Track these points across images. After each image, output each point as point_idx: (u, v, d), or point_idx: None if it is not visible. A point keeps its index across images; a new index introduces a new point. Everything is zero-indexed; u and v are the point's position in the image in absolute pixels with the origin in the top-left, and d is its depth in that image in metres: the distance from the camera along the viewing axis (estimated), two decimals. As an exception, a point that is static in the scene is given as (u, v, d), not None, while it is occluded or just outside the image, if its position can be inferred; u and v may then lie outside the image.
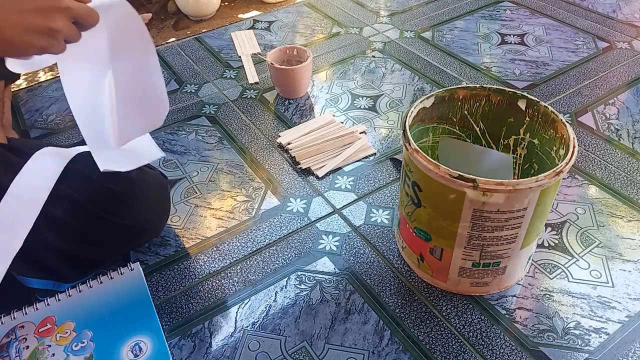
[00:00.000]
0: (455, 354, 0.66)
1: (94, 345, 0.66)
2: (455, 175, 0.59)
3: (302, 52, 1.11)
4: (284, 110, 1.09)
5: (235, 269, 0.78)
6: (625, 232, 0.81)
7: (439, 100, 0.73)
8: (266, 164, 0.96)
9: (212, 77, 1.21)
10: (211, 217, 0.86)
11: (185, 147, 1.01)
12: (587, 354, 0.66)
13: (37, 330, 0.68)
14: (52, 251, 0.68)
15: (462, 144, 0.78)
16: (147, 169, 0.77)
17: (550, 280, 0.74)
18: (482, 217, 0.61)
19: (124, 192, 0.71)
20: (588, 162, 0.93)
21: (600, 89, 1.11)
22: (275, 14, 1.48)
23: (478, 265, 0.68)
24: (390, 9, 1.47)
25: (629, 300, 0.71)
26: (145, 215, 0.75)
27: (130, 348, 0.66)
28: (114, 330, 0.68)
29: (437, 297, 0.73)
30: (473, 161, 0.76)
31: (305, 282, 0.76)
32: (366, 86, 1.15)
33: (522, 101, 0.71)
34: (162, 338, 0.67)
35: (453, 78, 1.17)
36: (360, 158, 0.96)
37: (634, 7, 1.42)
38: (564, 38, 1.29)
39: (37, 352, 0.66)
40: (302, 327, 0.70)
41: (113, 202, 0.71)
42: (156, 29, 1.50)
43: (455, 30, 1.35)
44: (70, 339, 0.67)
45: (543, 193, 0.60)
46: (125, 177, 0.72)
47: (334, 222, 0.85)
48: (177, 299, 0.74)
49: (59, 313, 0.70)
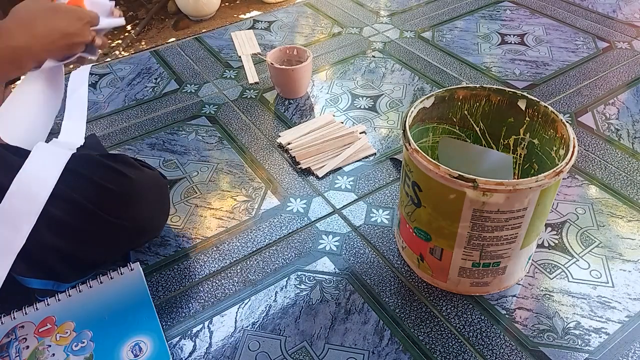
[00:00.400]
0: (455, 354, 0.66)
1: (94, 345, 0.66)
2: (455, 175, 0.59)
3: (302, 52, 1.11)
4: (284, 110, 1.09)
5: (235, 269, 0.78)
6: (625, 232, 0.81)
7: (439, 100, 0.73)
8: (266, 164, 0.96)
9: (212, 77, 1.21)
10: (211, 217, 0.86)
11: (185, 147, 1.01)
12: (587, 354, 0.66)
13: (37, 330, 0.68)
14: (51, 251, 0.68)
15: (462, 144, 0.78)
16: (146, 169, 0.77)
17: (550, 280, 0.74)
18: (482, 217, 0.61)
19: (122, 192, 0.71)
20: (588, 162, 0.93)
21: (600, 89, 1.11)
22: (275, 14, 1.48)
23: (478, 265, 0.68)
24: (390, 9, 1.47)
25: (629, 300, 0.71)
26: (144, 216, 0.75)
27: (130, 348, 0.66)
28: (114, 330, 0.68)
29: (437, 297, 0.73)
30: (473, 161, 0.76)
31: (305, 282, 0.76)
32: (366, 86, 1.15)
33: (522, 101, 0.71)
34: (162, 338, 0.67)
35: (453, 78, 1.17)
36: (360, 158, 0.96)
37: (634, 7, 1.42)
38: (564, 38, 1.29)
39: (37, 352, 0.66)
40: (302, 327, 0.70)
41: (112, 202, 0.70)
42: (156, 29, 1.50)
43: (455, 30, 1.35)
44: (70, 339, 0.67)
45: (543, 193, 0.60)
46: (125, 177, 0.72)
47: (334, 222, 0.85)
48: (177, 299, 0.74)
49: (59, 313, 0.70)
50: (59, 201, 0.66)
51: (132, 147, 1.01)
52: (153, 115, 1.10)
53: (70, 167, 0.69)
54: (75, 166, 0.70)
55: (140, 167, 0.77)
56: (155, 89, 1.18)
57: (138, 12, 2.16)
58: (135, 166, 0.76)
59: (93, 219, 0.69)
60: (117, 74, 1.24)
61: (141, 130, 1.06)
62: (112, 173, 0.72)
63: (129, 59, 1.30)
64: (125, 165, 0.74)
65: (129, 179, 0.72)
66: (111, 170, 0.72)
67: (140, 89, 1.18)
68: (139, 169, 0.75)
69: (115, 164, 0.73)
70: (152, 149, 1.01)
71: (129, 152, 1.00)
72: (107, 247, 0.74)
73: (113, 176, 0.71)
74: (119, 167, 0.73)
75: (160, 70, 1.24)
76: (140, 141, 1.03)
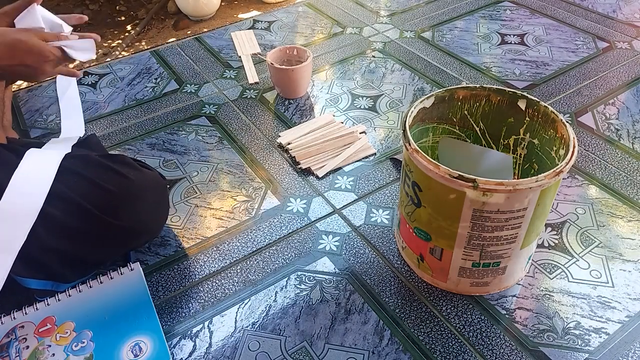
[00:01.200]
0: (455, 354, 0.66)
1: (94, 345, 0.66)
2: (455, 175, 0.59)
3: (302, 52, 1.11)
4: (284, 110, 1.09)
5: (235, 269, 0.78)
6: (625, 232, 0.81)
7: (439, 100, 0.73)
8: (266, 164, 0.96)
9: (212, 77, 1.21)
10: (211, 217, 0.86)
11: (185, 147, 1.01)
12: (587, 354, 0.66)
13: (37, 330, 0.68)
14: (50, 252, 0.68)
15: (462, 144, 0.78)
16: (145, 170, 0.77)
17: (550, 280, 0.74)
18: (482, 217, 0.61)
19: (122, 193, 0.71)
20: (588, 162, 0.93)
21: (600, 89, 1.11)
22: (275, 14, 1.48)
23: (478, 265, 0.68)
24: (390, 9, 1.47)
25: (629, 300, 0.71)
26: (143, 217, 0.74)
27: (130, 348, 0.66)
28: (114, 330, 0.68)
29: (437, 297, 0.73)
30: (473, 161, 0.76)
31: (305, 282, 0.76)
32: (366, 86, 1.15)
33: (522, 101, 0.71)
34: (162, 338, 0.67)
35: (453, 78, 1.17)
36: (360, 158, 0.96)
37: (634, 7, 1.42)
38: (564, 38, 1.29)
39: (37, 352, 0.66)
40: (302, 327, 0.70)
41: (111, 203, 0.70)
42: (156, 29, 1.50)
43: (455, 30, 1.35)
44: (70, 339, 0.67)
45: (543, 193, 0.60)
46: (124, 178, 0.72)
47: (334, 222, 0.85)
48: (177, 299, 0.74)
49: (59, 313, 0.70)
50: (58, 202, 0.66)
51: (132, 147, 1.01)
52: (153, 115, 1.10)
53: (69, 167, 0.69)
54: (75, 167, 0.70)
55: (139, 167, 0.76)
56: (155, 89, 1.18)
57: (138, 12, 2.16)
58: (135, 167, 0.75)
59: (92, 220, 0.69)
60: (117, 74, 1.24)
61: (141, 130, 1.06)
62: (111, 174, 0.71)
63: (129, 59, 1.30)
64: (125, 166, 0.74)
65: (128, 180, 0.72)
66: (110, 171, 0.72)
67: (140, 89, 1.18)
68: (138, 170, 0.75)
69: (115, 164, 0.73)
70: (152, 149, 1.01)
71: (129, 152, 1.00)
72: (107, 248, 0.74)
73: (112, 177, 0.71)
74: (118, 167, 0.73)
75: (160, 70, 1.25)
76: (140, 141, 1.03)
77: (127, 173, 0.72)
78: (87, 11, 2.21)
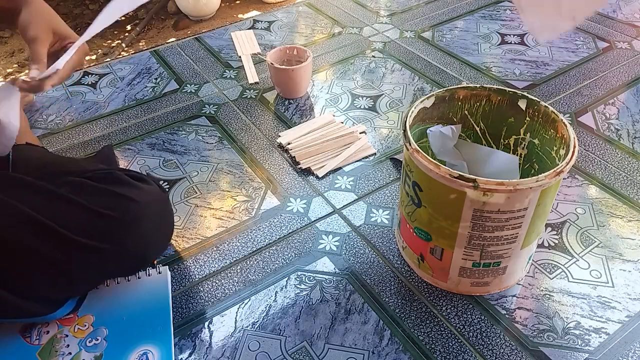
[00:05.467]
0: (455, 354, 0.66)
1: (106, 345, 0.67)
2: (456, 175, 0.59)
3: (302, 52, 1.11)
4: (284, 110, 1.09)
5: (235, 269, 0.78)
6: (625, 232, 0.81)
7: (439, 100, 0.73)
8: (266, 164, 0.96)
9: (212, 77, 1.21)
10: (211, 217, 0.86)
11: (185, 147, 1.01)
12: (587, 354, 0.66)
13: (60, 317, 0.69)
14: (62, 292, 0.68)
15: (468, 145, 0.78)
16: (145, 186, 0.71)
17: (550, 280, 0.74)
18: (483, 217, 0.61)
19: (124, 217, 0.66)
20: (588, 162, 0.93)
21: (600, 89, 1.11)
22: (275, 14, 1.48)
23: (478, 265, 0.68)
24: (390, 9, 1.47)
25: (629, 300, 0.71)
26: (149, 240, 0.70)
27: (139, 356, 0.66)
28: (127, 333, 0.68)
29: (437, 297, 0.73)
30: (478, 162, 0.76)
31: (305, 282, 0.76)
32: (366, 86, 1.15)
33: (522, 101, 0.71)
34: (169, 352, 0.66)
35: (453, 78, 1.17)
36: (360, 158, 0.96)
37: (634, 7, 1.42)
38: (564, 38, 1.29)
39: (54, 339, 0.67)
40: (302, 327, 0.70)
41: (113, 230, 0.65)
42: (156, 29, 1.50)
43: (455, 30, 1.35)
44: (87, 333, 0.68)
45: (543, 193, 0.60)
46: (124, 199, 0.67)
47: (334, 222, 0.85)
48: (177, 299, 0.74)
49: (82, 304, 0.71)
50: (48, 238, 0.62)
51: (132, 147, 1.01)
52: (153, 115, 1.10)
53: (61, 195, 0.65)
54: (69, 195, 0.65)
55: (137, 184, 0.70)
56: (155, 89, 1.18)
57: (138, 12, 2.16)
58: (133, 185, 0.70)
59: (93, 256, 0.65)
60: (117, 74, 1.24)
61: (141, 130, 1.06)
62: (109, 197, 0.66)
63: (129, 59, 1.30)
64: (122, 185, 0.69)
65: (129, 200, 0.67)
66: (107, 194, 0.67)
67: (140, 89, 1.18)
68: (138, 188, 0.69)
69: (112, 186, 0.68)
70: (152, 149, 1.01)
71: (129, 152, 1.00)
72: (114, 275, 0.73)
73: (111, 200, 0.66)
74: (116, 189, 0.68)
75: (160, 70, 1.24)
76: (140, 141, 1.03)
77: (127, 192, 0.67)
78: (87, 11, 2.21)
